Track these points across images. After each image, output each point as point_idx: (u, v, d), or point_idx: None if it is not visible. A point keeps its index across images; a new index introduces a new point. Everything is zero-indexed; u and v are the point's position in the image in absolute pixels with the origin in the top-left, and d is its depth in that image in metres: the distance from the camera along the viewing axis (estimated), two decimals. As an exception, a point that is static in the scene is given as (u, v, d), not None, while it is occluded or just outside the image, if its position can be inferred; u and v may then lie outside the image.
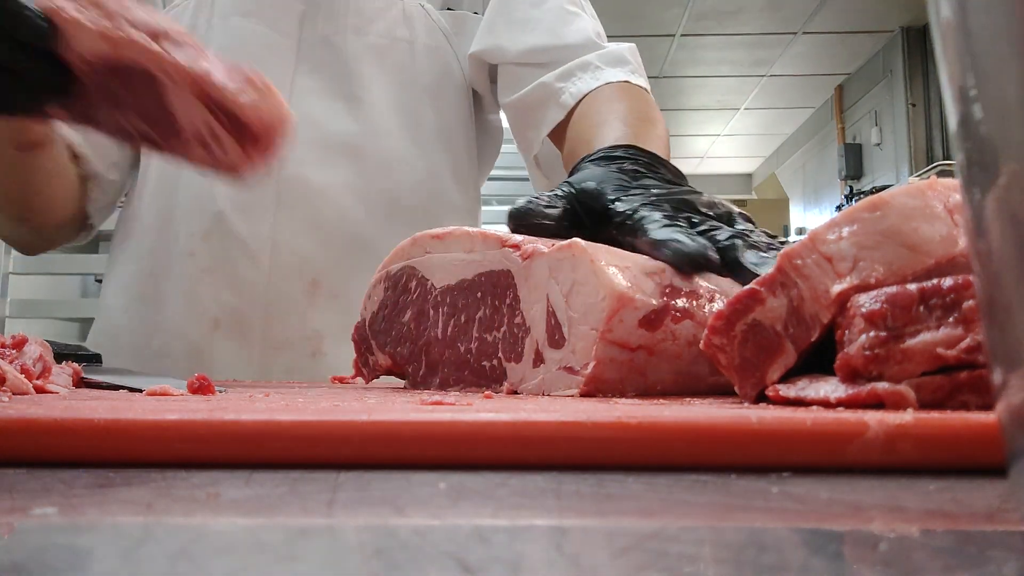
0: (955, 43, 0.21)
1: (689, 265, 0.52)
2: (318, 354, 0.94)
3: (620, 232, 0.58)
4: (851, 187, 5.65)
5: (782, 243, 0.54)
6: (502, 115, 1.12)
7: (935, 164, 4.67)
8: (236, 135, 0.57)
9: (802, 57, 5.49)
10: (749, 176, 8.35)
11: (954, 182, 0.40)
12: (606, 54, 0.95)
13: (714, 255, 0.53)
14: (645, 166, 0.65)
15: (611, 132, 0.79)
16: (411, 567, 0.18)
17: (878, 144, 5.47)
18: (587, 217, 0.61)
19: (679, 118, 6.74)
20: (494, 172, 1.20)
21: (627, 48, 0.97)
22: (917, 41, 5.08)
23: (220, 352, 0.93)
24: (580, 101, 0.91)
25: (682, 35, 5.07)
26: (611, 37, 0.97)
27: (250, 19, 0.99)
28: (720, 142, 7.42)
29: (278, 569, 0.18)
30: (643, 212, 0.58)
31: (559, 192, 0.61)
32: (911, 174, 4.84)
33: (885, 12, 4.85)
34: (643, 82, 0.94)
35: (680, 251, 0.53)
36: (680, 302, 0.51)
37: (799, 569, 0.19)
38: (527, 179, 1.06)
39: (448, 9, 1.04)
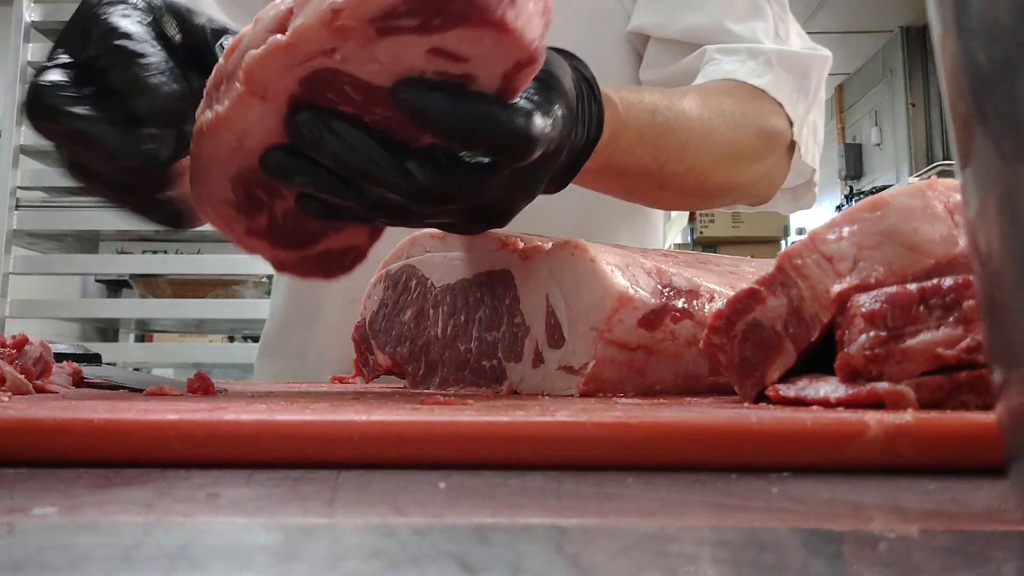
0: (957, 43, 0.21)
1: None
2: None
3: None
4: (851, 187, 5.65)
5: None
6: None
7: (935, 164, 4.66)
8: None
9: (802, 57, 5.49)
10: (749, 176, 8.34)
11: (954, 182, 0.40)
12: (779, 54, 0.79)
13: None
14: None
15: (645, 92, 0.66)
16: (411, 567, 0.18)
17: (878, 144, 5.47)
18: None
19: (679, 118, 6.73)
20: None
21: (814, 56, 0.82)
22: (917, 41, 5.08)
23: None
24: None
25: (682, 35, 5.06)
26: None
27: None
28: (720, 142, 7.41)
29: (278, 569, 0.18)
30: None
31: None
32: (911, 174, 4.84)
33: (885, 12, 4.85)
34: (793, 110, 0.78)
35: None
36: (679, 302, 0.51)
37: (799, 569, 0.19)
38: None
39: None
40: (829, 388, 0.38)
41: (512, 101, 0.42)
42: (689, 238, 5.01)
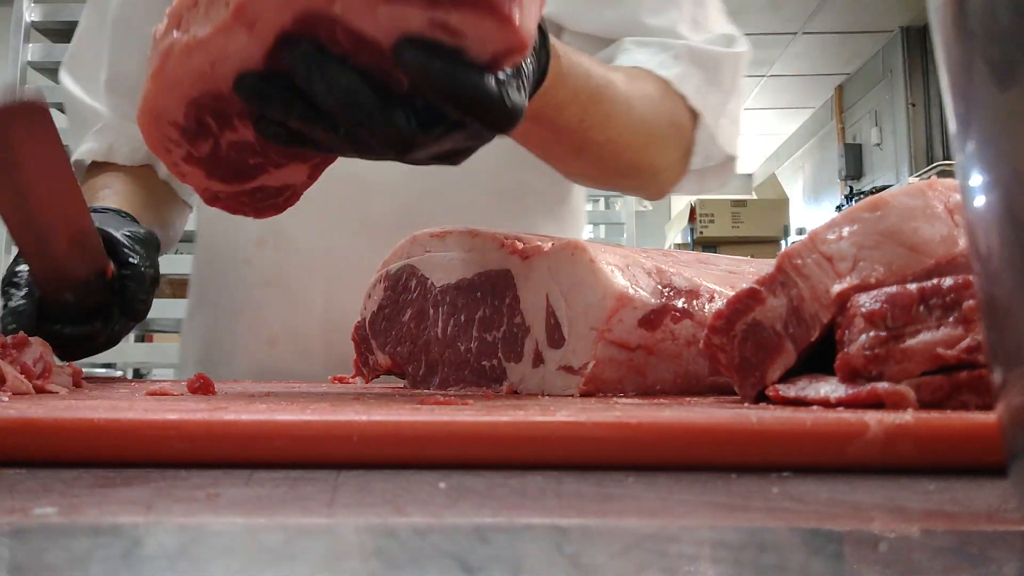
0: (957, 42, 0.21)
1: None
2: None
3: None
4: (851, 187, 5.64)
5: None
6: None
7: (935, 164, 4.66)
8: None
9: (802, 57, 5.48)
10: (749, 176, 8.34)
11: (954, 182, 0.40)
12: (689, 50, 0.82)
13: None
14: None
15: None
16: (411, 567, 0.18)
17: (878, 144, 5.47)
18: None
19: (679, 118, 6.72)
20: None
21: (724, 55, 0.85)
22: (917, 41, 5.08)
23: (282, 371, 0.88)
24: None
25: (682, 35, 5.06)
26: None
27: None
28: (720, 142, 7.39)
29: (278, 569, 0.18)
30: None
31: None
32: (911, 174, 4.84)
33: (885, 12, 4.85)
34: (702, 101, 0.81)
35: None
36: (679, 302, 0.51)
37: (799, 569, 0.19)
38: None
39: None
40: (829, 388, 0.38)
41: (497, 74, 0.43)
42: (689, 238, 5.00)
